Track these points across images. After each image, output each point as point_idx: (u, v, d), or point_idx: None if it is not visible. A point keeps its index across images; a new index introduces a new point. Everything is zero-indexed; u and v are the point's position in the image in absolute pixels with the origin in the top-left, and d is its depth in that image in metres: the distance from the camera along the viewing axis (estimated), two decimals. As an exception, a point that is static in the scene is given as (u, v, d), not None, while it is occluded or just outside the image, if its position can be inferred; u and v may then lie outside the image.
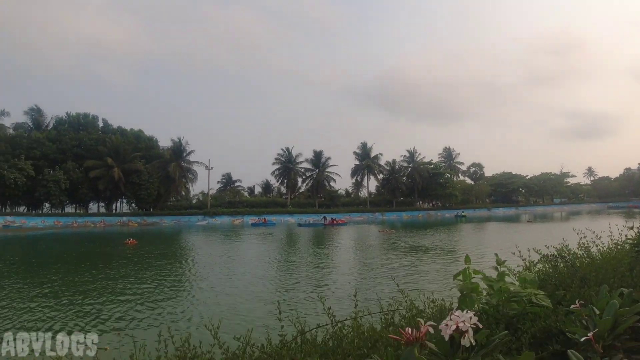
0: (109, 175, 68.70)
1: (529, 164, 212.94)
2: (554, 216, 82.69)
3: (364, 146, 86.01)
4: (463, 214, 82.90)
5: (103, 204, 77.90)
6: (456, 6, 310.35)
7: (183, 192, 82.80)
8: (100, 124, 79.57)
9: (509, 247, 4.58)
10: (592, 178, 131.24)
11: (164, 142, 78.63)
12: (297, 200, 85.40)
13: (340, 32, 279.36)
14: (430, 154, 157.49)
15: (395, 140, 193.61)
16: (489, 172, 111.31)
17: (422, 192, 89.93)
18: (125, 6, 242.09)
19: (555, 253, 3.66)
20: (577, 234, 4.29)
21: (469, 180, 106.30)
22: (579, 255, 3.72)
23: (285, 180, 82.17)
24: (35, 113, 77.82)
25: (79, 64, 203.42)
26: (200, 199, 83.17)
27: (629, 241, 3.95)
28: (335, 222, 66.48)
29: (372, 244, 35.14)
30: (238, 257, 27.60)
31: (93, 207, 78.91)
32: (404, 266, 21.23)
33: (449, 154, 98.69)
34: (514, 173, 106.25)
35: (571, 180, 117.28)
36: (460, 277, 2.53)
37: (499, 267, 2.65)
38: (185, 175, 71.01)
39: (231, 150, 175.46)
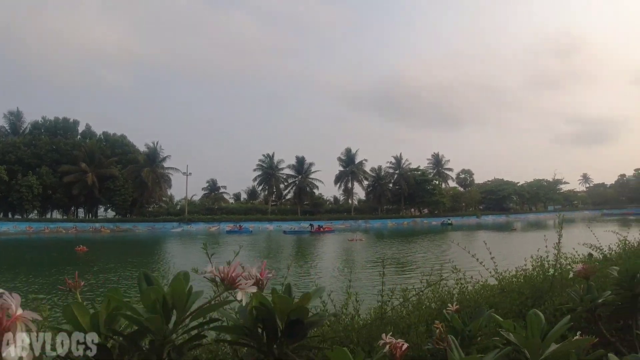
0: (82, 180, 67.22)
1: (527, 170, 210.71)
2: (546, 224, 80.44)
3: (348, 152, 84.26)
4: (449, 221, 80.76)
5: (82, 209, 76.65)
6: (457, 9, 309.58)
7: (164, 198, 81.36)
8: (81, 129, 78.58)
9: (463, 261, 4.56)
10: (588, 185, 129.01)
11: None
12: (282, 207, 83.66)
13: (338, 37, 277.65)
14: (425, 160, 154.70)
15: (393, 146, 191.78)
16: (482, 178, 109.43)
17: (409, 199, 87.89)
18: (123, 10, 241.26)
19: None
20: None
21: (460, 188, 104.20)
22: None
23: (267, 187, 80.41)
24: (14, 117, 76.80)
25: (75, 67, 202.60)
26: (187, 205, 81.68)
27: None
28: (322, 229, 64.99)
29: (328, 253, 33.44)
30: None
31: (81, 212, 77.57)
32: (335, 276, 19.60)
33: (437, 160, 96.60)
34: (505, 180, 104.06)
35: (564, 187, 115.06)
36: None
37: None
38: (159, 180, 69.27)
39: (223, 155, 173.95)
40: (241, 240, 50.44)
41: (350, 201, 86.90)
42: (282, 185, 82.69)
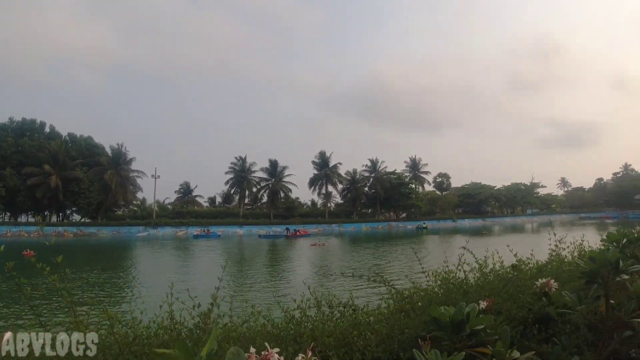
0: (46, 183, 65.56)
1: (506, 173, 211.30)
2: (524, 228, 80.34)
3: (322, 155, 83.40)
4: (424, 225, 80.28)
5: (54, 213, 74.92)
6: (436, 12, 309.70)
7: (135, 202, 79.91)
8: (47, 130, 76.73)
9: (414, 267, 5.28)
10: (566, 188, 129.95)
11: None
12: (254, 211, 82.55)
13: (316, 40, 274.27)
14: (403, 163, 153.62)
15: (372, 150, 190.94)
16: (461, 182, 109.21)
17: (385, 203, 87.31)
18: (97, 10, 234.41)
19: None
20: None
21: (438, 191, 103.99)
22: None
23: (239, 190, 79.26)
24: (-19, 119, 74.86)
25: (47, 67, 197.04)
26: (156, 208, 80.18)
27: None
28: (298, 233, 64.30)
29: (283, 259, 32.79)
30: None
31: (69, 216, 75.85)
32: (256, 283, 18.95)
33: (414, 164, 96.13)
34: (482, 183, 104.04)
35: (543, 191, 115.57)
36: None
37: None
38: (124, 183, 67.76)
39: (199, 158, 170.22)
40: (209, 245, 49.59)
41: (324, 205, 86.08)
42: (255, 189, 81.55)
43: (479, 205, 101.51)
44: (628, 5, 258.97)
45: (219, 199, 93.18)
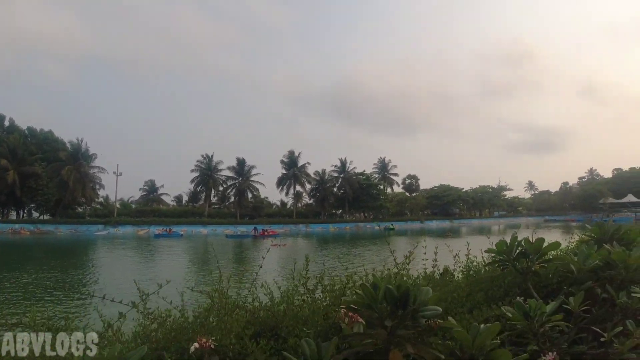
0: (3, 178, 63.52)
1: (475, 176, 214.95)
2: (491, 229, 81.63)
3: (291, 155, 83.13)
4: (391, 226, 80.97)
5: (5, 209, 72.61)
6: (410, 15, 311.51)
7: (98, 199, 78.15)
8: (7, 124, 74.37)
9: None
10: (533, 192, 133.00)
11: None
12: (220, 211, 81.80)
13: (287, 38, 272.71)
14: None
15: (343, 151, 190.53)
16: (431, 184, 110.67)
17: (353, 204, 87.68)
18: (60, 1, 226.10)
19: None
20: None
21: (407, 193, 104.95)
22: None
23: (205, 189, 78.38)
24: None
25: (8, 58, 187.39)
26: (118, 206, 78.53)
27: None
28: (266, 233, 63.90)
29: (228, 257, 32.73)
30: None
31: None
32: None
33: (383, 165, 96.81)
34: (451, 185, 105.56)
35: (510, 194, 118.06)
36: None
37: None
38: (83, 180, 66.13)
39: (166, 155, 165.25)
40: (168, 245, 48.89)
41: (293, 205, 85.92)
42: (221, 188, 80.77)
43: (447, 207, 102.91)
44: (598, 14, 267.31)
45: (186, 198, 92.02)
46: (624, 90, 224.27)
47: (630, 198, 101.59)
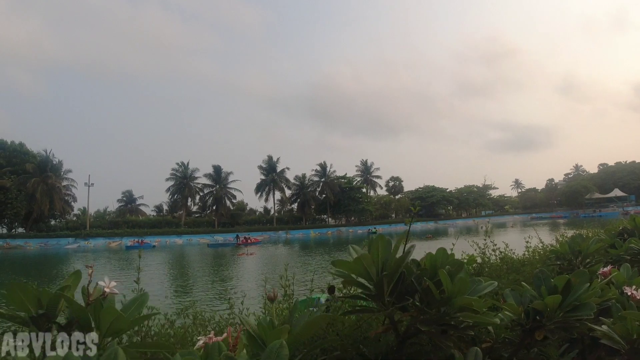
0: (-31, 193, 61.73)
1: (460, 177, 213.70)
2: (477, 230, 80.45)
3: (269, 160, 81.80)
4: (375, 230, 79.52)
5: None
6: (387, 16, 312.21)
7: (74, 212, 76.29)
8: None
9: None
10: (519, 190, 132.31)
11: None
12: (197, 219, 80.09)
13: (263, 41, 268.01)
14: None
15: (323, 155, 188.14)
16: (414, 185, 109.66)
17: (336, 208, 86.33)
18: (28, 5, 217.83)
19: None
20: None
21: (391, 195, 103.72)
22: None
23: (181, 197, 76.65)
24: None
25: None
26: (91, 219, 76.58)
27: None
28: (248, 240, 62.55)
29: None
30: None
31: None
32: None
33: (366, 168, 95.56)
34: (436, 186, 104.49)
35: (495, 193, 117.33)
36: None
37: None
38: (51, 192, 64.32)
39: (144, 165, 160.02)
40: (135, 258, 47.16)
41: (272, 211, 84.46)
42: (198, 196, 79.14)
43: (432, 208, 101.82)
44: (575, 11, 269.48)
45: (166, 208, 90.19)
46: (603, 86, 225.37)
47: (617, 192, 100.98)
